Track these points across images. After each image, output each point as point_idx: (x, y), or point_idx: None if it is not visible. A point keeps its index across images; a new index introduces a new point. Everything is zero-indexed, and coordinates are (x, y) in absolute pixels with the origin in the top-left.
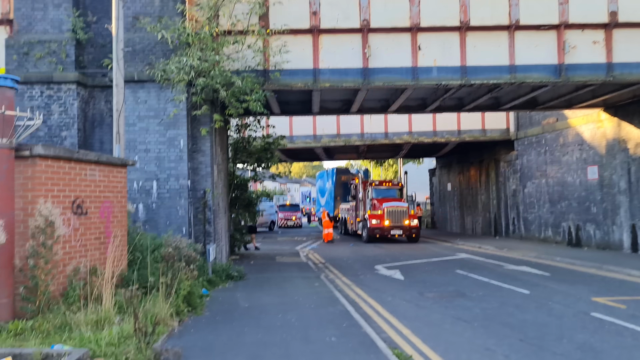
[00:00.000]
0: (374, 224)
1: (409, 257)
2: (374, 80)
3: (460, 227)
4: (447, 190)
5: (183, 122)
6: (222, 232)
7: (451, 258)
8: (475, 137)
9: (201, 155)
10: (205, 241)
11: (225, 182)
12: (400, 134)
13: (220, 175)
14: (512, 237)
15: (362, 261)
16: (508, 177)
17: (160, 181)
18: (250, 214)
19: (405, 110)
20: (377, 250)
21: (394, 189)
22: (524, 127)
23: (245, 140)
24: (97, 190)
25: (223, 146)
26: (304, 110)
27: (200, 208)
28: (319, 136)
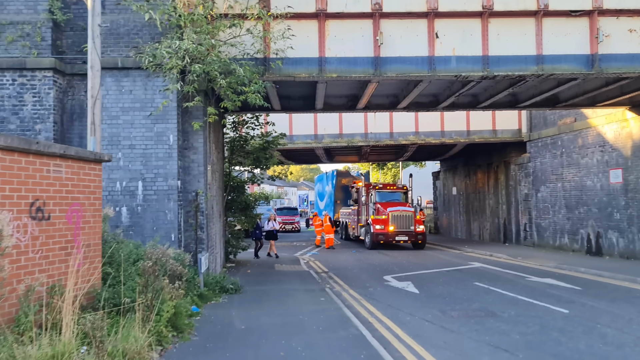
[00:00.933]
0: (378, 229)
1: (419, 267)
2: (386, 70)
3: (466, 233)
4: (452, 195)
5: (173, 115)
6: (216, 238)
7: (464, 267)
8: (485, 138)
9: (193, 152)
10: (196, 249)
11: (221, 184)
12: (406, 134)
13: (215, 176)
14: (523, 244)
15: (368, 270)
16: (519, 181)
17: (147, 181)
18: (247, 218)
19: (415, 107)
20: (382, 257)
21: (398, 193)
22: (538, 128)
23: (242, 138)
24: (63, 191)
25: (218, 144)
26: (306, 107)
27: (192, 212)
28: (320, 136)
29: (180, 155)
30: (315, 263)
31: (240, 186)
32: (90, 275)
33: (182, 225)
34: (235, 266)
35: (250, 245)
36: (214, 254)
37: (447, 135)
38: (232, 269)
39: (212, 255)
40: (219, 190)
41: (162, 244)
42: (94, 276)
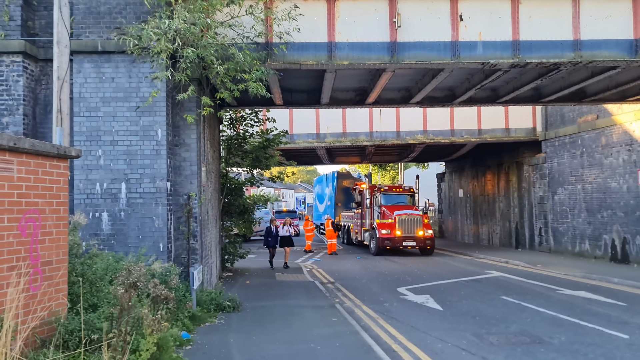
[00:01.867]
0: (384, 234)
1: (433, 276)
2: (404, 57)
3: (474, 237)
4: (459, 197)
5: (162, 106)
6: (211, 246)
7: (483, 277)
8: (498, 138)
9: (185, 150)
10: (189, 261)
11: (217, 186)
12: (414, 133)
13: (210, 177)
14: (538, 249)
15: (378, 281)
16: (534, 183)
17: (131, 183)
18: (245, 222)
19: (429, 102)
20: (390, 265)
21: (404, 195)
22: (554, 126)
23: (240, 136)
24: (14, 194)
25: (214, 142)
26: (310, 102)
27: (184, 218)
28: (322, 135)
29: (170, 153)
30: (319, 272)
31: (238, 188)
32: (51, 301)
33: (172, 234)
34: (233, 276)
35: (251, 251)
36: (209, 264)
37: (457, 134)
38: (229, 279)
39: (206, 267)
40: (215, 192)
41: (148, 255)
42: (56, 301)
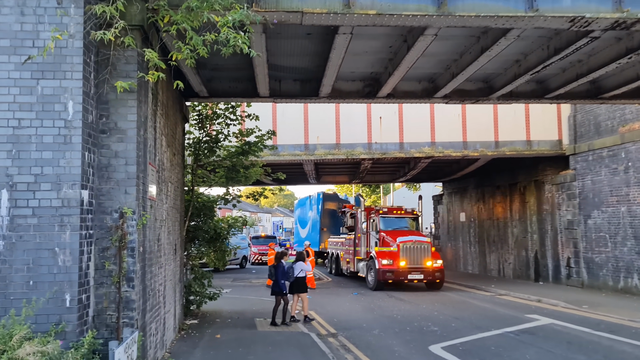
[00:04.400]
0: (385, 265)
1: (465, 324)
2: (458, 7)
3: (480, 267)
4: (460, 222)
5: (76, 64)
6: (165, 289)
7: (531, 326)
8: (518, 151)
9: (117, 139)
10: (119, 321)
11: (178, 204)
12: (420, 145)
13: (166, 190)
14: (565, 283)
15: (395, 331)
16: (559, 205)
17: (18, 190)
18: (217, 252)
19: (459, 96)
20: (398, 304)
21: (406, 219)
22: (586, 138)
23: (211, 139)
24: None
25: (174, 142)
26: (305, 92)
27: (112, 250)
28: (312, 146)
29: (90, 143)
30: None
31: (208, 208)
32: None
33: (90, 277)
34: (199, 325)
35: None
36: (160, 317)
37: (470, 147)
38: (192, 331)
39: (155, 323)
40: (175, 212)
41: (45, 316)
42: None
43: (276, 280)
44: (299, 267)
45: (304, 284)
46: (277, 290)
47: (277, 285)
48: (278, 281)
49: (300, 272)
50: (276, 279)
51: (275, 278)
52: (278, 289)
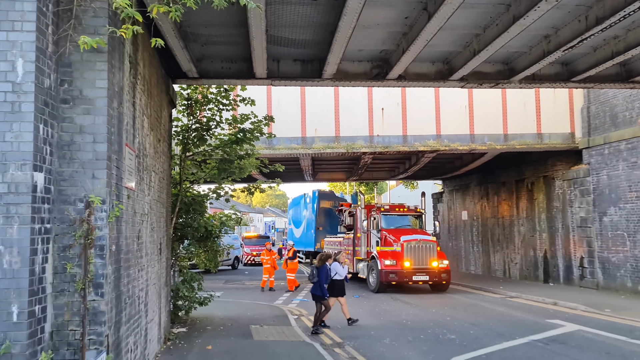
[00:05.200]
0: (388, 265)
1: (484, 331)
2: None
3: (484, 267)
4: (461, 220)
5: (27, 11)
6: (147, 295)
7: (558, 333)
8: (529, 145)
9: (82, 111)
10: (83, 339)
11: (164, 197)
12: (425, 138)
13: (149, 180)
14: (578, 284)
15: (408, 340)
16: (571, 202)
17: None
18: (209, 252)
19: (477, 79)
20: (406, 308)
21: (409, 217)
22: (602, 130)
23: (202, 126)
24: None
25: (159, 127)
26: (307, 74)
27: (76, 248)
28: (309, 139)
29: (47, 114)
30: (312, 321)
31: (198, 203)
32: None
33: (46, 282)
34: (188, 333)
35: (216, 287)
36: (141, 328)
37: (477, 140)
38: (180, 341)
39: (135, 335)
40: (160, 207)
41: None
42: None
43: (319, 283)
44: (335, 269)
45: (341, 287)
46: (318, 294)
47: (319, 288)
48: (321, 285)
49: (335, 275)
50: (319, 282)
51: (318, 281)
52: (320, 292)
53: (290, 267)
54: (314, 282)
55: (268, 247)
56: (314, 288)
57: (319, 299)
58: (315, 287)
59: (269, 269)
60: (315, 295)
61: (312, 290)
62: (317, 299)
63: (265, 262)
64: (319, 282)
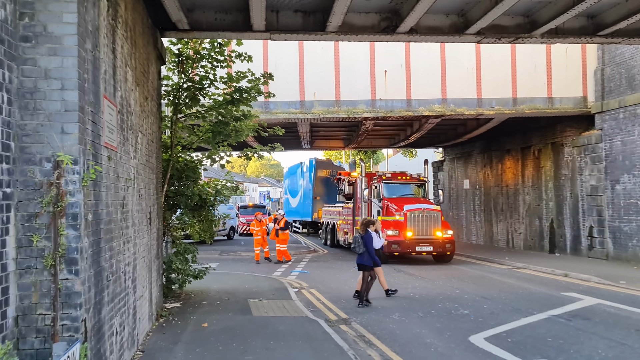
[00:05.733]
0: (391, 235)
1: (496, 305)
2: None
3: (486, 237)
4: (463, 189)
5: None
6: (135, 270)
7: (576, 308)
8: (539, 110)
9: (48, 50)
10: (57, 326)
11: (154, 161)
12: (430, 102)
13: (135, 139)
14: (586, 254)
15: (416, 314)
16: (581, 169)
17: None
18: (204, 222)
19: (494, 33)
20: (410, 281)
21: (411, 185)
22: (616, 93)
23: (194, 85)
24: None
25: (145, 83)
26: (309, 26)
27: (44, 217)
28: (308, 103)
29: (3, 53)
30: (313, 294)
31: (191, 169)
32: None
33: (7, 257)
34: (182, 309)
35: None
36: (128, 306)
37: (485, 105)
38: (174, 317)
39: (120, 315)
40: (149, 172)
41: None
42: None
43: (368, 252)
44: (374, 239)
45: (378, 256)
46: (367, 264)
47: (368, 258)
48: (371, 253)
49: (377, 243)
50: (368, 251)
51: (367, 250)
52: (369, 262)
53: (281, 237)
54: (360, 253)
55: (258, 217)
56: (362, 258)
57: (367, 269)
58: (363, 257)
59: (259, 240)
60: (363, 266)
61: (359, 260)
62: (365, 269)
63: (255, 234)
64: (368, 251)
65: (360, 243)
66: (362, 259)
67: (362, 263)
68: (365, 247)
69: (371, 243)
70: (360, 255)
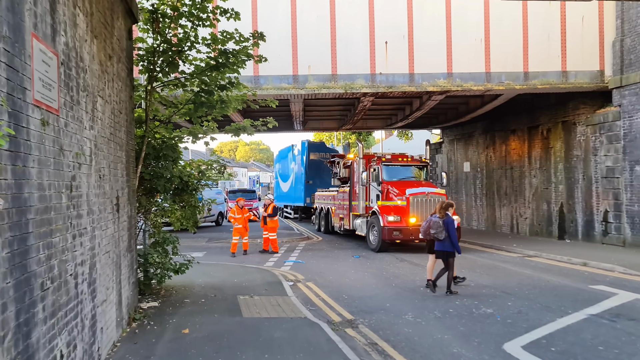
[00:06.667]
0: (392, 222)
1: (521, 302)
2: None
3: (487, 222)
4: (463, 172)
5: None
6: (95, 269)
7: (615, 305)
8: (552, 85)
9: None
10: None
11: (123, 136)
12: (434, 76)
13: (91, 104)
14: (599, 241)
15: (433, 314)
16: (595, 149)
17: None
18: (187, 208)
19: None
20: (417, 272)
21: (412, 168)
22: (636, 67)
23: (172, 48)
24: None
25: (108, 36)
26: None
27: None
28: (302, 78)
29: None
30: (311, 288)
31: (170, 147)
32: None
33: None
34: (160, 308)
35: (196, 246)
36: (81, 318)
37: (494, 79)
38: (150, 319)
39: (68, 332)
40: (116, 148)
41: None
42: None
43: (450, 238)
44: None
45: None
46: (449, 250)
47: (450, 244)
48: (453, 239)
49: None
50: (450, 236)
51: (449, 235)
52: (451, 248)
53: (270, 225)
54: (441, 238)
55: (240, 202)
56: (443, 244)
57: (448, 256)
58: (444, 243)
59: (239, 229)
60: (444, 252)
61: (439, 247)
62: (446, 256)
63: (235, 221)
64: (450, 236)
65: (442, 228)
66: (444, 245)
67: (444, 250)
68: (447, 232)
69: (454, 227)
70: (441, 241)
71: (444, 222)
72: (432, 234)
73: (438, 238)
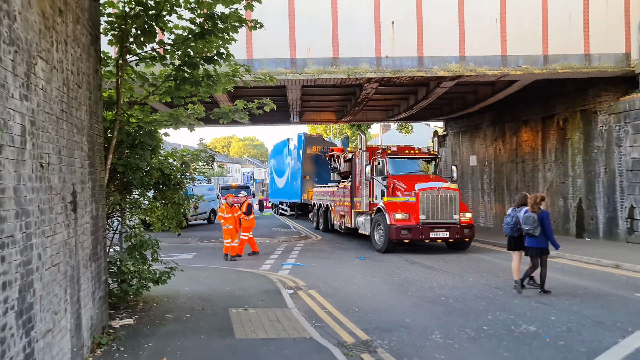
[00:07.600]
0: (400, 219)
1: (567, 316)
2: None
3: (496, 219)
4: (469, 166)
5: None
6: (33, 290)
7: None
8: (574, 69)
9: None
10: None
11: (83, 116)
12: (445, 60)
13: (19, 63)
14: (624, 239)
15: (465, 332)
16: (619, 140)
17: None
18: (169, 206)
19: None
20: (433, 276)
21: (420, 161)
22: None
23: (147, 12)
24: None
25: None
26: None
27: None
28: (300, 61)
29: None
30: (314, 298)
31: (147, 134)
32: None
33: None
34: (136, 327)
35: (185, 246)
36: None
37: (510, 63)
38: (120, 343)
39: None
40: (72, 131)
41: None
42: None
43: (546, 233)
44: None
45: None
46: (544, 246)
47: (545, 239)
48: (548, 234)
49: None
50: (546, 232)
51: (544, 231)
52: (545, 244)
53: (244, 225)
54: (537, 235)
55: (229, 200)
56: (538, 241)
57: (543, 252)
58: (540, 240)
59: (230, 230)
60: (539, 249)
61: (532, 244)
62: (544, 252)
63: (225, 221)
64: (545, 232)
65: (537, 224)
66: (539, 241)
67: (540, 246)
68: (542, 227)
69: (549, 222)
70: (536, 238)
71: (539, 216)
72: (527, 230)
73: (533, 234)
